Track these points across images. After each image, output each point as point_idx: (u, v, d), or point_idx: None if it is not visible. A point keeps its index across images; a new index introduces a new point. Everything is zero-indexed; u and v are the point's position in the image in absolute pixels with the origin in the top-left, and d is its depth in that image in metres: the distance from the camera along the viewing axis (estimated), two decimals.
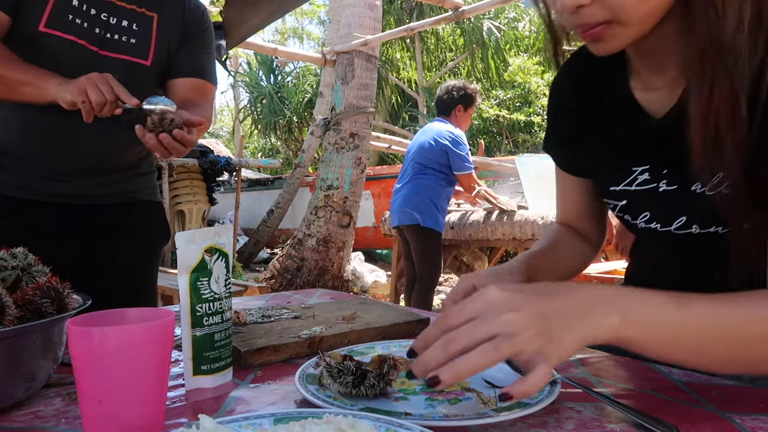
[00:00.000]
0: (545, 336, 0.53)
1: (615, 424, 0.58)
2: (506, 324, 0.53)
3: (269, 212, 8.59)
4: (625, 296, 0.58)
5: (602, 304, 0.56)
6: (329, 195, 5.71)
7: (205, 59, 1.46)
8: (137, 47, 1.33)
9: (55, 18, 1.23)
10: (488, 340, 0.53)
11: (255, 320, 0.97)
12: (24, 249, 0.74)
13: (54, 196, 1.31)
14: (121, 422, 0.53)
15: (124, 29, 1.32)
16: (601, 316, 0.55)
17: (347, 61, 5.77)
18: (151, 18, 1.37)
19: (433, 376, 0.52)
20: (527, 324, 0.53)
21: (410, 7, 13.23)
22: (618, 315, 0.55)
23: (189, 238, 0.69)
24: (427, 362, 0.54)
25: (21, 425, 0.60)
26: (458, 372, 0.52)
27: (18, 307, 0.63)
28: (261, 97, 14.96)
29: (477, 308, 0.55)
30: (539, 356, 0.52)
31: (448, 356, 0.53)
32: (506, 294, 0.56)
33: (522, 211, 3.79)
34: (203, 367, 0.69)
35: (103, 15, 1.29)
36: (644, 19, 0.66)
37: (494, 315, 0.54)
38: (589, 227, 1.01)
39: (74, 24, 1.25)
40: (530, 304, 0.55)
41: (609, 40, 0.68)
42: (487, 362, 0.52)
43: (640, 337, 0.56)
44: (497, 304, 0.55)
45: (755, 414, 0.60)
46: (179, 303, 0.69)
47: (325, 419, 0.51)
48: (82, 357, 0.53)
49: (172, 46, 1.40)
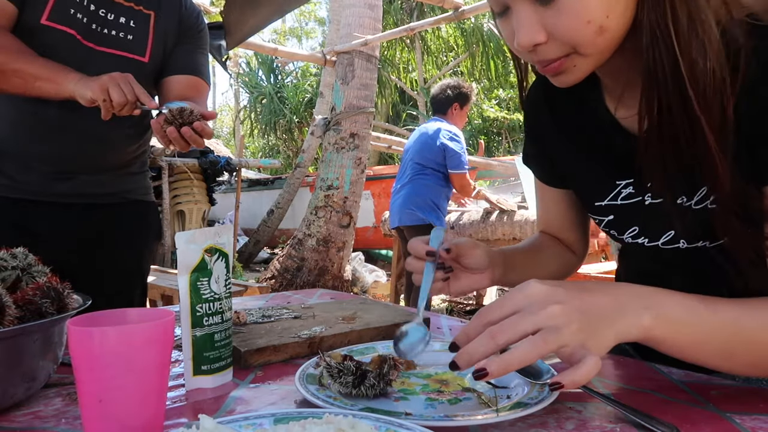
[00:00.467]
0: (586, 331, 0.54)
1: (615, 424, 0.58)
2: (550, 317, 0.54)
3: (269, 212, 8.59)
4: (660, 297, 0.59)
5: (637, 304, 0.57)
6: (329, 195, 5.71)
7: (200, 58, 1.47)
8: (134, 44, 1.34)
9: (57, 11, 1.23)
10: (533, 332, 0.54)
11: (255, 320, 0.97)
12: (24, 249, 0.74)
13: (49, 195, 1.31)
14: (121, 422, 0.53)
15: (121, 26, 1.32)
16: (635, 315, 0.57)
17: (347, 61, 5.77)
18: (148, 15, 1.37)
19: (481, 368, 0.53)
20: (571, 318, 0.54)
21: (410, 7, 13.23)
22: (651, 315, 0.57)
23: (189, 238, 0.69)
24: (472, 353, 0.54)
25: (21, 425, 0.60)
26: (509, 363, 0.53)
27: (18, 307, 0.63)
28: (261, 97, 14.96)
29: (519, 302, 0.56)
30: (584, 349, 0.53)
31: (495, 347, 0.54)
32: (547, 288, 0.56)
33: (522, 211, 3.79)
34: (203, 367, 0.69)
35: (102, 11, 1.29)
36: (601, 51, 0.67)
37: (539, 308, 0.54)
38: (571, 238, 1.00)
39: (75, 18, 1.26)
40: (572, 299, 0.56)
41: (569, 72, 0.68)
42: (536, 354, 0.53)
43: (668, 337, 0.58)
44: (540, 297, 0.56)
45: (755, 414, 0.60)
46: (179, 303, 0.69)
47: (325, 419, 0.51)
48: (82, 357, 0.53)
49: (168, 44, 1.40)
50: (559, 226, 1.00)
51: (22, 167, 1.29)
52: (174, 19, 1.42)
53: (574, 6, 0.62)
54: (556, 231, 1.01)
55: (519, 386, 0.67)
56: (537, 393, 0.63)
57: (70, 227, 1.34)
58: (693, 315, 0.58)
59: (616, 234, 0.84)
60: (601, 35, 0.64)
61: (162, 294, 3.58)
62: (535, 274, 0.90)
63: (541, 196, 1.01)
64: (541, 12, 0.64)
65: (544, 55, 0.67)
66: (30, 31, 1.22)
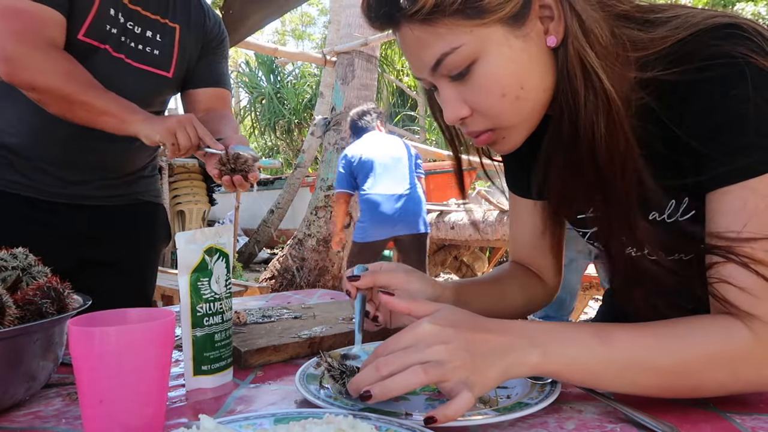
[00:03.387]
0: (469, 368, 0.56)
1: (615, 424, 0.58)
2: (435, 354, 0.56)
3: (269, 212, 8.59)
4: (548, 333, 0.61)
5: (525, 343, 0.59)
6: (329, 195, 5.71)
7: (223, 68, 1.49)
8: (160, 59, 1.33)
9: (94, 27, 1.22)
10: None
11: (255, 320, 0.97)
12: (24, 249, 0.74)
13: (63, 196, 1.31)
14: (122, 422, 0.53)
15: (149, 40, 1.31)
16: (522, 353, 0.59)
17: (347, 61, 5.77)
18: (173, 29, 1.36)
19: (366, 391, 0.55)
20: (454, 356, 0.56)
21: None
22: (539, 353, 0.59)
23: (189, 238, 0.69)
24: (359, 382, 0.57)
25: (21, 425, 0.60)
26: (388, 388, 0.55)
27: (18, 308, 0.63)
28: (261, 97, 14.95)
29: (408, 340, 0.59)
30: (463, 385, 0.55)
31: (379, 378, 0.56)
32: (437, 328, 0.59)
33: None
34: (204, 368, 0.69)
35: (130, 23, 1.28)
36: (525, 119, 0.69)
37: (425, 346, 0.57)
38: (544, 263, 0.95)
39: (109, 33, 1.24)
40: (458, 339, 0.58)
41: (501, 143, 0.72)
42: (414, 382, 0.55)
43: (562, 371, 0.60)
44: (428, 336, 0.58)
45: (755, 414, 0.60)
46: (179, 303, 0.69)
47: (325, 419, 0.51)
48: (82, 357, 0.53)
49: (192, 57, 1.40)
50: (531, 248, 0.95)
51: (38, 170, 1.28)
52: (198, 31, 1.41)
53: (487, 81, 0.66)
54: (527, 255, 0.96)
55: (519, 386, 0.67)
56: (537, 393, 0.63)
57: (80, 226, 1.34)
58: (583, 349, 0.59)
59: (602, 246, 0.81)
60: (519, 106, 0.67)
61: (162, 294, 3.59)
62: (495, 307, 0.88)
63: (513, 214, 0.97)
64: (460, 88, 0.68)
65: (472, 126, 0.71)
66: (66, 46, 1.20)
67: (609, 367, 0.59)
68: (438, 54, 0.65)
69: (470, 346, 0.57)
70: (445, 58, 0.65)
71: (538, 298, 0.96)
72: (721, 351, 0.58)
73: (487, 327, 0.60)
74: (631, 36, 0.66)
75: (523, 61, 0.65)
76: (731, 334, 0.58)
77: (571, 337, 0.61)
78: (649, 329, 0.61)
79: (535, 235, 0.92)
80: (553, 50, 0.67)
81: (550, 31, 0.66)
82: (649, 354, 0.59)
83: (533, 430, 0.57)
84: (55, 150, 1.28)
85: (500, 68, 0.65)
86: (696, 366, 0.58)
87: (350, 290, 0.78)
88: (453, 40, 0.64)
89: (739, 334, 0.58)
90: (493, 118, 0.69)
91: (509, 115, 0.68)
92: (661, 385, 0.60)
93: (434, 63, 0.66)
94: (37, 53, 1.12)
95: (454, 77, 0.67)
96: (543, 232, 0.91)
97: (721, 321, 0.60)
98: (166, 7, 1.34)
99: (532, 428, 0.58)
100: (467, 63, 0.65)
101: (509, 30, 0.64)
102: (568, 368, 0.59)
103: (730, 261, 0.59)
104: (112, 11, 1.24)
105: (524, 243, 0.96)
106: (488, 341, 0.59)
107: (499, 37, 0.64)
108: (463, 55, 0.65)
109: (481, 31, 0.64)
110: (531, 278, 0.96)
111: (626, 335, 0.60)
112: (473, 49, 0.64)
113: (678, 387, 0.60)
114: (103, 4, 1.22)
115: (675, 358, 0.58)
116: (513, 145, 0.72)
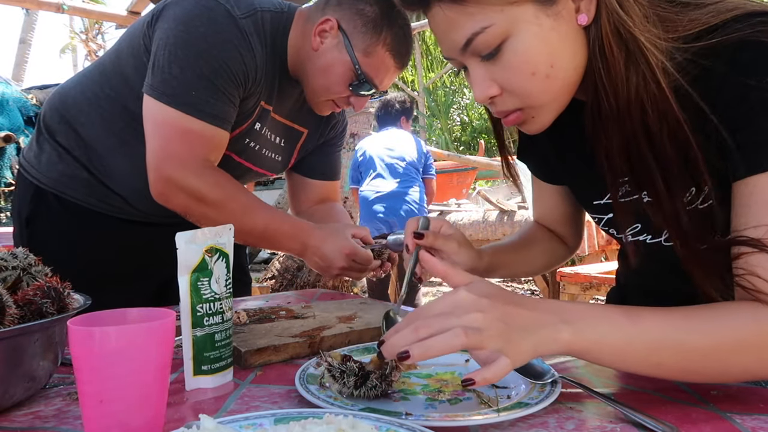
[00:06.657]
0: (505, 339, 0.56)
1: (615, 424, 0.58)
2: (472, 321, 0.56)
3: None
4: (579, 312, 0.61)
5: (556, 319, 0.59)
6: None
7: (337, 158, 1.47)
8: (278, 164, 1.31)
9: (235, 140, 1.17)
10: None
11: (255, 320, 0.97)
12: (24, 249, 0.74)
13: (133, 214, 1.26)
14: (122, 422, 0.53)
15: (274, 145, 1.27)
16: (554, 330, 0.59)
17: None
18: (300, 134, 1.32)
19: (404, 351, 0.55)
20: (491, 325, 0.56)
21: None
22: (570, 330, 0.59)
23: (189, 238, 0.69)
24: (395, 343, 0.57)
25: (21, 425, 0.60)
26: (428, 348, 0.55)
27: (18, 307, 0.63)
28: None
29: (446, 306, 0.58)
30: (499, 353, 0.55)
31: (416, 339, 0.56)
32: (474, 296, 0.58)
33: (522, 211, 3.79)
34: (204, 367, 0.69)
35: (264, 129, 1.22)
36: (555, 98, 0.69)
37: (463, 312, 0.57)
38: (565, 231, 1.03)
39: (246, 146, 1.21)
40: (494, 309, 0.58)
41: (530, 123, 0.72)
42: (454, 344, 0.55)
43: (591, 348, 0.59)
44: (465, 303, 0.58)
45: (755, 414, 0.60)
46: (180, 303, 0.69)
47: (325, 419, 0.51)
48: (82, 357, 0.53)
49: (308, 151, 1.38)
50: (554, 219, 1.02)
51: (115, 192, 1.23)
52: (323, 131, 1.38)
53: (517, 60, 0.65)
54: (550, 223, 1.03)
55: (519, 386, 0.67)
56: (537, 393, 0.63)
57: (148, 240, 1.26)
58: (613, 327, 0.59)
59: (616, 232, 0.84)
60: (549, 84, 0.67)
61: None
62: (521, 270, 1.01)
63: (536, 189, 1.03)
64: (490, 68, 0.68)
65: (501, 106, 0.71)
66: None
67: (637, 347, 0.59)
68: (468, 34, 0.65)
69: (506, 318, 0.57)
70: (475, 38, 0.65)
71: (558, 258, 1.05)
72: (750, 335, 0.58)
73: (520, 302, 0.60)
74: (664, 17, 0.65)
75: (554, 40, 0.65)
76: (759, 320, 0.58)
77: (601, 315, 0.60)
78: (678, 312, 0.61)
79: (558, 208, 1.00)
80: (585, 29, 0.66)
81: (582, 9, 0.65)
82: (679, 334, 0.59)
83: (533, 430, 0.57)
84: (135, 179, 1.18)
85: (531, 47, 0.65)
86: (725, 348, 0.58)
87: (410, 245, 0.82)
88: (483, 20, 0.64)
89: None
90: (522, 97, 0.68)
91: (539, 93, 0.68)
92: (687, 367, 0.60)
93: (464, 43, 0.66)
94: (195, 179, 1.06)
95: (485, 57, 0.67)
96: (566, 206, 0.99)
97: (748, 307, 0.60)
98: (299, 109, 1.28)
99: (532, 428, 0.58)
100: (497, 42, 0.65)
101: (540, 8, 0.64)
102: (597, 346, 0.59)
103: (760, 251, 0.59)
104: (258, 125, 1.20)
105: (548, 213, 1.03)
106: (522, 315, 0.59)
107: (530, 16, 0.64)
108: (493, 35, 0.64)
109: (511, 9, 0.63)
110: (554, 242, 1.03)
111: (656, 316, 0.60)
112: (504, 29, 0.64)
113: (705, 369, 0.60)
114: (255, 119, 1.18)
115: (705, 340, 0.58)
116: (541, 125, 0.72)
